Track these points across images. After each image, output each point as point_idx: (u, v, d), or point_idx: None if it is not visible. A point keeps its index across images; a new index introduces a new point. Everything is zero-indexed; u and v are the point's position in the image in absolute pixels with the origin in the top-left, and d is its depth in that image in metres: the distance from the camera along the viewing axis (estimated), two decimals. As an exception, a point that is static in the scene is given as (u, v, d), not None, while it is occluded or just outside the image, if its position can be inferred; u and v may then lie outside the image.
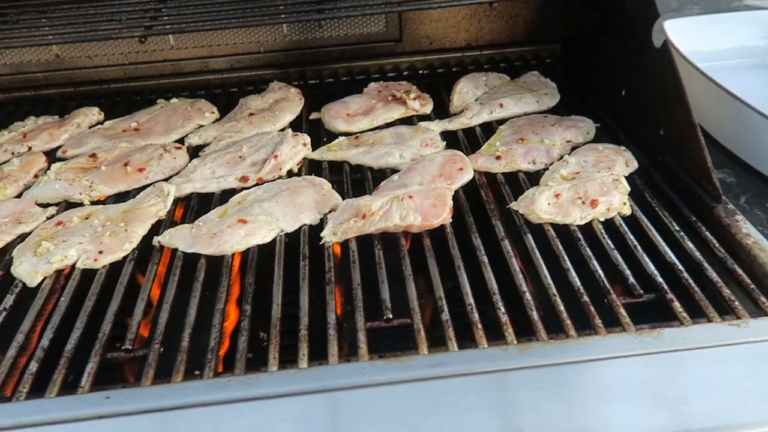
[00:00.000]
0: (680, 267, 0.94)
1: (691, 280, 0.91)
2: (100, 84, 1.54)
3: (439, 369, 0.79)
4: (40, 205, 1.19)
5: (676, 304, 0.87)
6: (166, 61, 1.54)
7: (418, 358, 0.81)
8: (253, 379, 0.80)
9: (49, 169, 1.28)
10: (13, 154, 1.34)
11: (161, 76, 1.55)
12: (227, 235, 1.04)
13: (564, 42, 1.65)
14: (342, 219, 1.05)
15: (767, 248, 0.94)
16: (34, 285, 1.01)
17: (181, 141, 1.37)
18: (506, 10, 1.56)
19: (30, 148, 1.35)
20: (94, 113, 1.46)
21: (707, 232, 1.01)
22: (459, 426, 0.73)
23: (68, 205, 1.20)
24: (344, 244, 1.04)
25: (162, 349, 0.88)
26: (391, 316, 0.89)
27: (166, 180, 1.23)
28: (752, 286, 0.89)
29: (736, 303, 0.87)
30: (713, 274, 0.92)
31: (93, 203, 1.19)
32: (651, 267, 0.94)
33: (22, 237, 1.11)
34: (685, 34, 1.40)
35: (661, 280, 0.92)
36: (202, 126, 1.41)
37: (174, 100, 1.48)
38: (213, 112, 1.45)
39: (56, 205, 1.19)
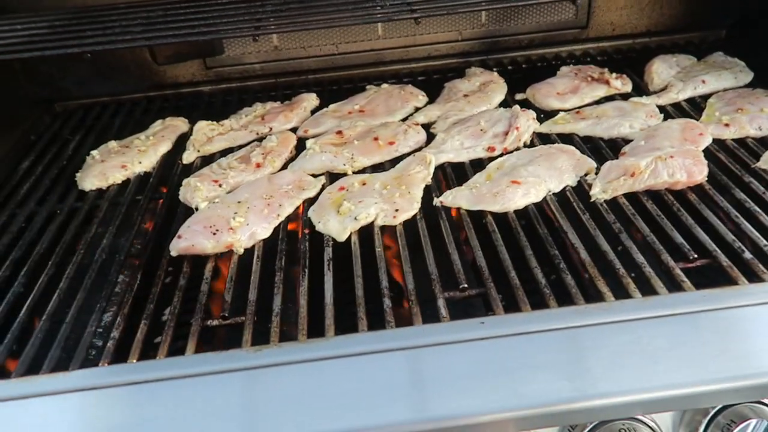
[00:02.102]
0: None
1: None
2: (314, 73, 1.68)
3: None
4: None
5: None
6: (372, 51, 1.68)
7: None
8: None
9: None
10: (257, 134, 1.48)
11: (365, 65, 1.69)
12: (509, 194, 1.15)
13: (731, 27, 1.75)
14: (611, 177, 1.16)
15: None
16: (343, 239, 1.13)
17: (403, 119, 1.50)
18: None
19: (271, 129, 1.49)
20: (312, 98, 1.60)
21: None
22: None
23: (330, 175, 1.33)
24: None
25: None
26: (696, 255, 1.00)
27: (411, 152, 1.36)
28: None
29: None
30: None
31: (354, 173, 1.32)
32: None
33: (307, 201, 1.24)
34: None
35: None
36: (417, 108, 1.54)
37: (384, 86, 1.61)
38: (423, 96, 1.57)
39: (321, 175, 1.32)
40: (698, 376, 0.81)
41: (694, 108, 1.44)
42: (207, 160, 1.43)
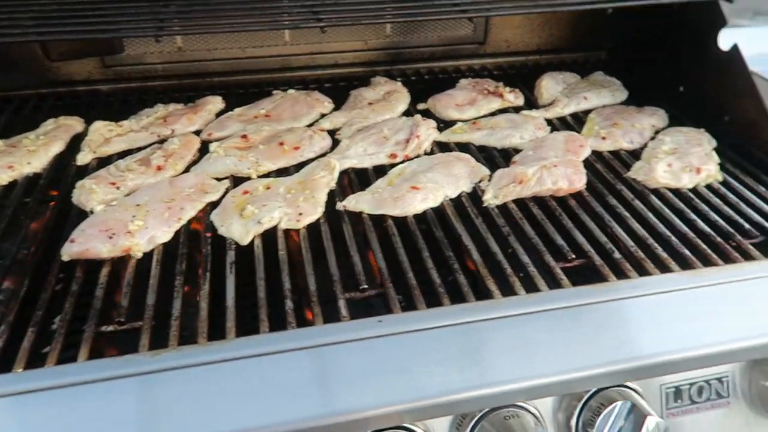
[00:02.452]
0: (779, 215, 1.21)
1: (792, 223, 1.18)
2: (220, 76, 1.66)
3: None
4: (211, 178, 1.31)
5: (788, 241, 1.13)
6: (279, 56, 1.69)
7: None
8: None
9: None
10: (158, 136, 1.45)
11: (273, 70, 1.69)
12: (408, 199, 1.21)
13: (610, 49, 1.93)
14: (502, 184, 1.25)
15: (842, 200, 1.23)
16: (246, 243, 1.13)
17: (309, 125, 1.52)
18: (570, 19, 1.83)
19: (173, 131, 1.46)
20: (218, 101, 1.58)
21: (788, 192, 1.29)
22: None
23: (234, 178, 1.32)
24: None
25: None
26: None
27: (316, 158, 1.38)
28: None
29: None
30: (805, 219, 1.20)
31: (258, 177, 1.33)
32: (756, 216, 1.21)
33: (209, 205, 1.23)
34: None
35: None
36: (323, 114, 1.57)
37: (291, 91, 1.63)
38: (329, 102, 1.61)
39: (225, 178, 1.32)
40: (572, 364, 0.89)
41: (576, 122, 1.58)
42: (104, 161, 1.38)
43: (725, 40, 1.49)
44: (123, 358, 0.87)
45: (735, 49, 1.42)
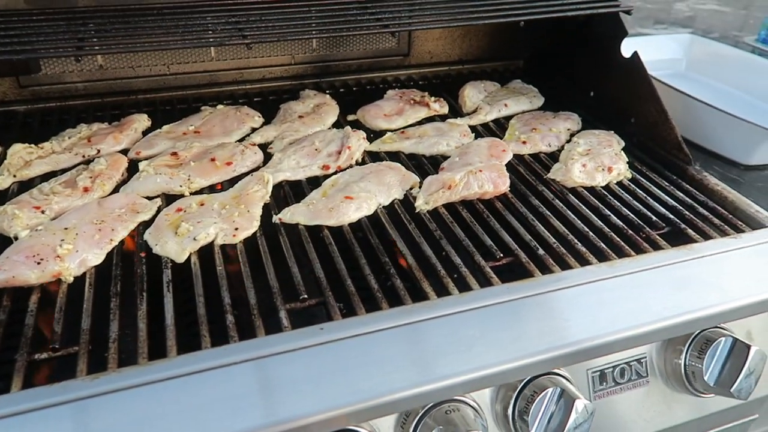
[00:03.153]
0: (680, 207, 1.32)
1: (691, 215, 1.30)
2: (145, 93, 1.63)
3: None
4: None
5: (690, 231, 1.24)
6: (206, 72, 1.68)
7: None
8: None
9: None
10: (83, 156, 1.41)
11: (199, 86, 1.68)
12: (343, 209, 1.24)
13: (527, 59, 2.04)
14: (431, 190, 1.30)
15: (732, 191, 1.36)
16: (182, 260, 1.13)
17: (240, 140, 1.53)
18: (488, 31, 1.93)
19: (99, 151, 1.43)
20: (144, 119, 1.56)
21: (687, 185, 1.41)
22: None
23: (167, 197, 1.31)
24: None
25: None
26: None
27: (249, 172, 1.39)
28: (729, 216, 1.30)
29: (726, 227, 1.26)
30: (703, 210, 1.32)
31: (191, 194, 1.32)
32: (662, 209, 1.32)
33: (142, 225, 1.21)
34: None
35: (672, 216, 1.29)
36: (254, 128, 1.58)
37: (220, 107, 1.62)
38: (259, 117, 1.62)
39: (156, 197, 1.30)
40: (505, 356, 0.95)
41: (499, 128, 1.66)
42: (25, 185, 1.33)
43: (627, 48, 1.63)
44: (60, 384, 0.85)
45: (635, 56, 1.55)
